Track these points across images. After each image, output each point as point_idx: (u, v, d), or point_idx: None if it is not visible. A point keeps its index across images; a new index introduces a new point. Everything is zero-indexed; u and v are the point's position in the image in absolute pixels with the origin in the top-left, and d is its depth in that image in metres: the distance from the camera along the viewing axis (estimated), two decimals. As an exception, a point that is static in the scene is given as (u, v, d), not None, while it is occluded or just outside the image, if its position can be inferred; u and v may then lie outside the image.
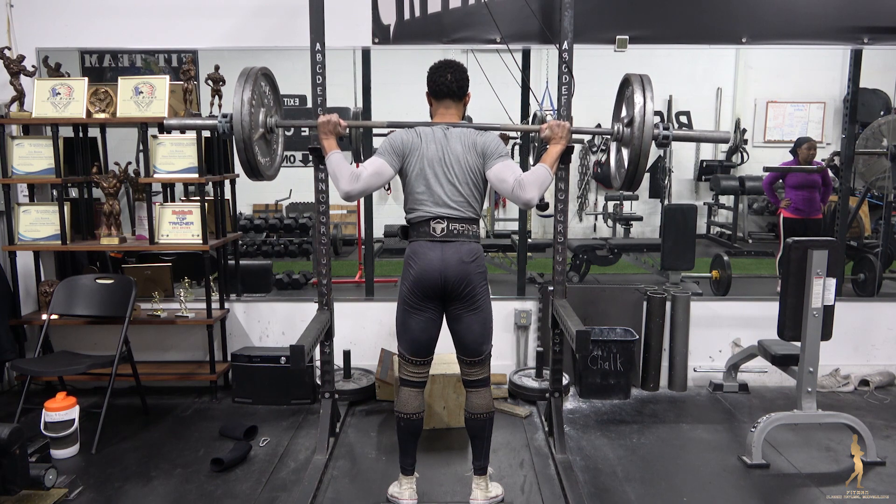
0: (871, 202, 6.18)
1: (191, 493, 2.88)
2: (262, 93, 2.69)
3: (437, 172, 2.52)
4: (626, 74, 2.61)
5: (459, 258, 2.52)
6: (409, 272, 2.58)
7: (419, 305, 2.58)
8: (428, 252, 2.53)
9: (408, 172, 2.56)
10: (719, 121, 8.53)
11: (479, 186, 2.59)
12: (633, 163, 2.48)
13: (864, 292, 4.96)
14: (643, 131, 2.40)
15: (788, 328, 3.14)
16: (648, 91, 2.45)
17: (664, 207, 6.60)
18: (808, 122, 8.44)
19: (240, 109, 2.50)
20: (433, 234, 2.52)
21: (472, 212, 2.57)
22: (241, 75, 2.57)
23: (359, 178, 2.48)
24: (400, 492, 2.71)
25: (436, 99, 2.66)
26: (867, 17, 3.86)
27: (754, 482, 2.98)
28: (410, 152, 2.54)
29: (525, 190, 2.43)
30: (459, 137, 2.55)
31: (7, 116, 3.80)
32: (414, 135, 2.56)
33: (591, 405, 3.88)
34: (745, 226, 8.25)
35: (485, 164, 2.54)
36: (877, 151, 5.06)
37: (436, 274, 2.51)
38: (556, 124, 2.60)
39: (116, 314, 3.58)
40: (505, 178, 2.48)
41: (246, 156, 2.56)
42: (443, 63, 2.65)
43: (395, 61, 6.98)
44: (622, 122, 2.63)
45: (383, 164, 2.52)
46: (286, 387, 3.84)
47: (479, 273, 2.58)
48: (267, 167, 2.75)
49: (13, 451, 2.52)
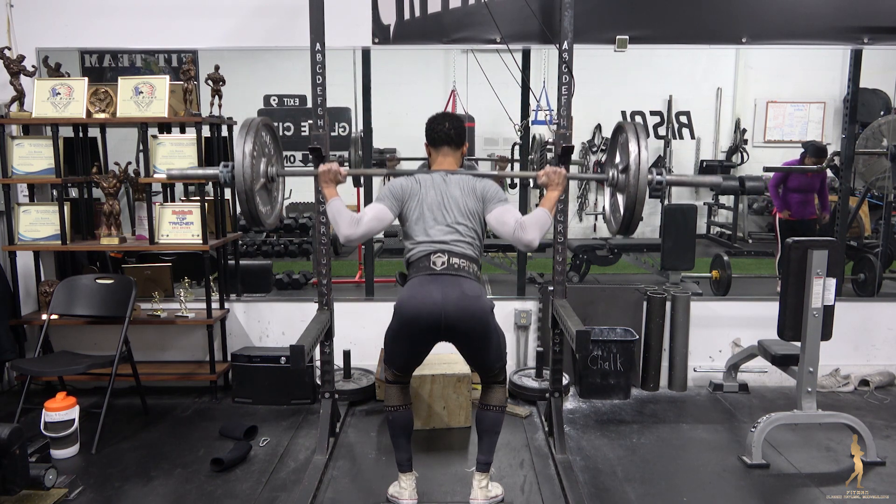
0: (871, 202, 6.17)
1: (191, 493, 2.88)
2: (263, 143, 2.71)
3: (436, 216, 2.56)
4: (619, 122, 2.68)
5: (462, 292, 2.45)
6: (401, 309, 2.49)
7: (411, 341, 2.56)
8: (426, 285, 2.46)
9: (407, 217, 2.60)
10: (719, 121, 8.53)
11: (479, 230, 2.62)
12: (629, 209, 2.52)
13: (864, 292, 4.96)
14: (638, 179, 2.44)
15: (788, 328, 3.14)
16: (642, 139, 2.49)
17: (664, 207, 6.60)
18: (808, 122, 8.44)
19: (241, 161, 2.52)
20: (433, 268, 2.50)
21: (472, 251, 2.58)
22: (242, 127, 2.58)
23: (359, 222, 2.52)
24: (400, 492, 2.72)
25: (434, 147, 2.71)
26: (867, 17, 3.86)
27: (754, 482, 2.98)
28: (410, 197, 2.59)
29: (526, 231, 2.47)
30: (458, 183, 2.60)
31: (7, 116, 3.80)
32: (413, 181, 2.62)
33: (591, 405, 3.88)
34: (745, 226, 8.25)
35: (484, 208, 2.59)
36: (877, 151, 5.06)
37: (435, 310, 2.43)
38: (552, 171, 2.62)
39: (116, 314, 3.58)
40: (506, 221, 2.53)
41: (248, 206, 2.59)
42: (441, 114, 2.74)
43: (396, 61, 7.01)
44: (617, 168, 2.66)
45: (383, 208, 2.57)
46: (286, 387, 3.84)
47: (485, 309, 2.51)
48: (267, 216, 2.78)
49: (13, 451, 2.52)
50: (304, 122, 6.60)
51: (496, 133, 8.04)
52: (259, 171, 2.64)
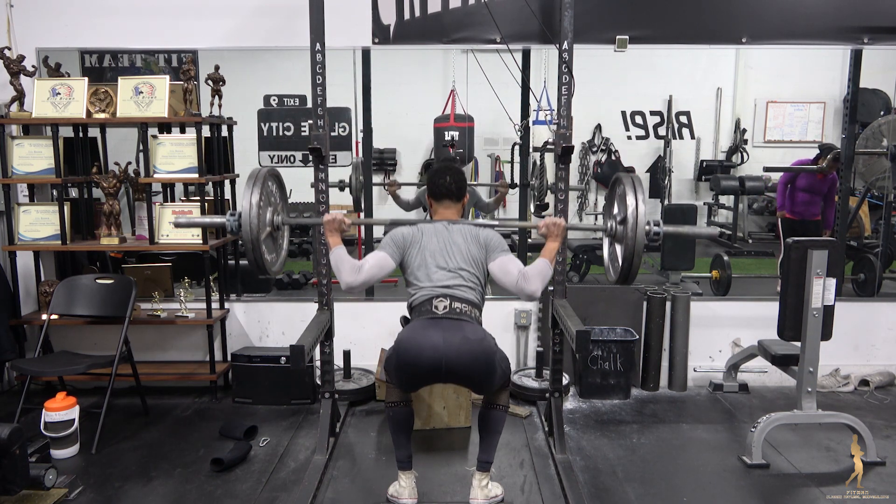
0: (871, 202, 6.17)
1: (191, 493, 2.88)
2: (270, 192, 2.76)
3: (438, 262, 2.58)
4: (617, 174, 2.71)
5: (463, 336, 2.43)
6: (401, 350, 2.48)
7: (411, 381, 2.58)
8: (427, 329, 2.45)
9: (409, 264, 2.63)
10: (719, 121, 8.52)
11: (481, 277, 2.64)
12: (628, 260, 2.54)
13: (864, 292, 4.96)
14: (636, 231, 2.48)
15: (788, 328, 3.14)
16: (640, 192, 2.53)
17: (664, 207, 6.60)
18: (808, 122, 8.43)
19: (248, 211, 2.56)
20: (435, 312, 2.50)
21: (474, 296, 2.59)
22: (249, 177, 2.63)
23: (360, 269, 2.55)
24: (399, 491, 2.72)
25: (436, 200, 2.76)
26: (867, 17, 3.86)
27: (754, 482, 2.98)
28: (411, 245, 2.63)
29: (529, 282, 2.50)
30: (461, 231, 2.65)
31: (7, 116, 3.80)
32: (415, 230, 2.66)
33: (591, 405, 3.88)
34: (745, 226, 8.24)
35: (487, 257, 2.62)
36: (877, 151, 5.06)
37: (436, 355, 2.42)
38: (551, 223, 2.65)
39: (116, 314, 3.58)
40: (509, 271, 2.56)
41: (254, 255, 2.62)
42: (442, 167, 2.78)
43: (396, 61, 7.00)
44: (615, 219, 2.70)
45: (385, 256, 2.60)
46: (286, 387, 3.84)
47: (488, 351, 2.49)
48: (272, 263, 2.81)
49: (13, 451, 2.52)
50: (304, 122, 6.60)
51: (496, 133, 8.03)
52: (265, 220, 2.69)
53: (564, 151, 3.17)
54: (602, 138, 8.40)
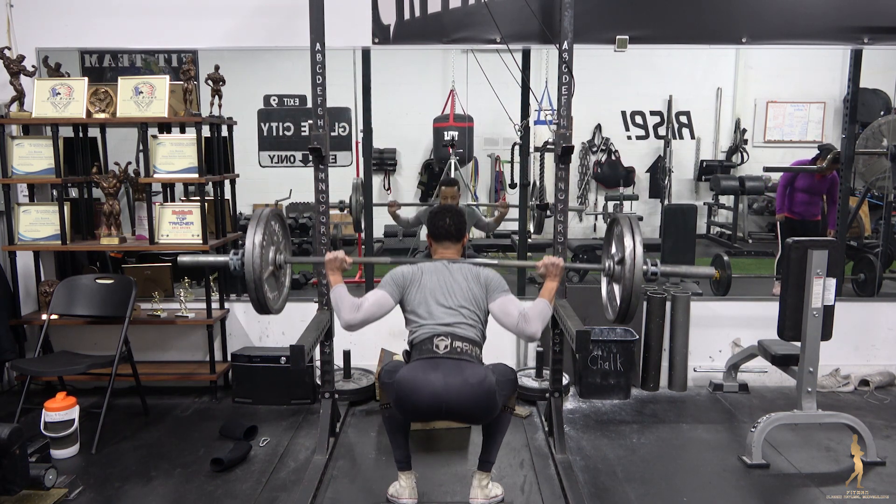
0: (871, 202, 6.17)
1: (191, 493, 2.88)
2: (273, 231, 2.80)
3: (438, 299, 2.59)
4: (615, 214, 2.75)
5: (463, 380, 2.43)
6: (400, 391, 2.47)
7: (411, 418, 2.61)
8: (428, 372, 2.45)
9: (410, 302, 2.64)
10: (719, 121, 8.52)
11: (481, 315, 2.65)
12: (626, 300, 2.57)
13: (864, 292, 4.96)
14: (634, 272, 2.51)
15: (788, 328, 3.14)
16: (637, 233, 2.56)
17: (664, 207, 6.60)
18: (808, 122, 8.43)
19: (251, 251, 2.59)
20: (436, 351, 2.50)
21: (475, 334, 2.59)
22: (253, 217, 2.68)
23: (360, 308, 2.58)
24: (399, 491, 2.72)
25: (436, 241, 2.78)
26: (867, 17, 3.86)
27: (754, 482, 2.98)
28: (411, 284, 2.65)
29: (529, 323, 2.52)
30: (461, 270, 2.67)
31: (7, 116, 3.80)
32: (415, 269, 2.68)
33: (591, 405, 3.88)
34: (745, 226, 8.24)
35: (488, 297, 2.63)
36: (877, 151, 5.06)
37: (435, 400, 2.42)
38: (550, 263, 2.68)
39: (116, 314, 3.58)
40: (510, 312, 2.57)
41: (256, 294, 2.65)
42: (442, 208, 2.81)
43: (395, 61, 7.01)
44: (613, 259, 2.73)
45: (384, 294, 2.62)
46: (286, 387, 3.84)
47: (489, 392, 2.47)
48: (274, 301, 2.84)
49: (13, 451, 2.52)
50: (304, 122, 6.60)
51: (496, 133, 8.03)
52: (268, 260, 2.73)
53: (564, 151, 3.17)
54: (602, 138, 8.40)
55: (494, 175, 8.28)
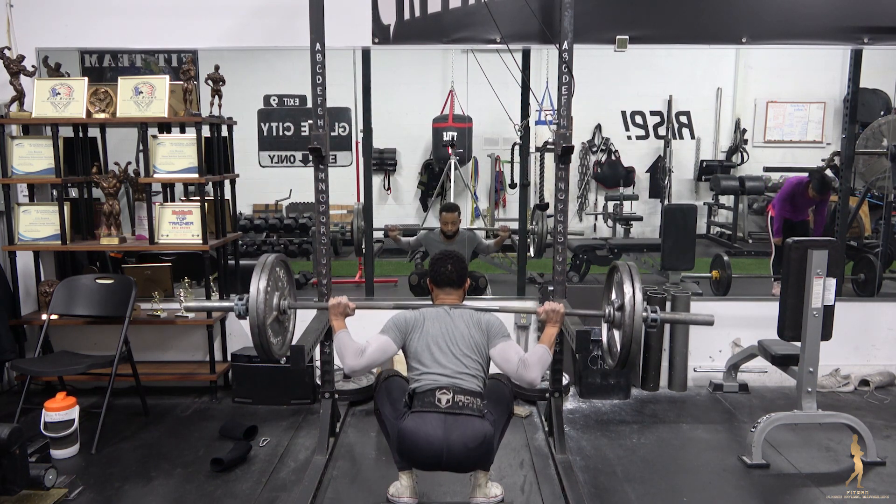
0: (871, 202, 6.17)
1: (191, 493, 2.88)
2: (277, 277, 2.83)
3: (441, 347, 2.60)
4: (614, 263, 2.78)
5: (464, 444, 2.45)
6: (402, 444, 2.52)
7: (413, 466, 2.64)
8: (429, 428, 2.47)
9: (412, 348, 2.65)
10: (719, 121, 8.53)
11: (483, 363, 2.65)
12: (626, 346, 2.58)
13: (864, 292, 4.96)
14: (633, 318, 2.52)
15: (788, 328, 3.14)
16: (636, 281, 2.58)
17: (664, 207, 6.59)
18: (808, 122, 8.43)
19: (255, 297, 2.62)
20: (437, 405, 2.51)
21: (476, 385, 2.60)
22: (258, 265, 2.71)
23: (363, 353, 2.59)
24: (400, 491, 2.71)
25: (437, 287, 2.80)
26: (867, 17, 3.86)
27: (754, 482, 2.98)
28: (413, 329, 2.66)
29: (529, 370, 2.53)
30: (462, 316, 2.67)
31: (7, 116, 3.80)
32: (417, 314, 2.69)
33: (591, 405, 3.88)
34: (745, 226, 8.25)
35: (489, 343, 2.64)
36: (877, 151, 5.06)
37: (435, 456, 2.47)
38: (550, 309, 2.69)
39: (116, 314, 3.58)
40: (509, 359, 2.58)
41: (259, 339, 2.66)
42: (444, 255, 2.82)
43: (396, 61, 7.01)
44: (613, 305, 2.74)
45: (387, 340, 2.64)
46: (286, 387, 3.84)
47: (489, 452, 2.55)
48: (278, 347, 2.85)
49: (13, 451, 2.52)
50: (304, 122, 6.61)
51: (496, 133, 8.04)
52: (272, 305, 2.74)
53: (564, 151, 3.17)
54: (602, 138, 8.41)
55: (494, 175, 8.28)
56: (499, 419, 2.64)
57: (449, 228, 4.79)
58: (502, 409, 2.68)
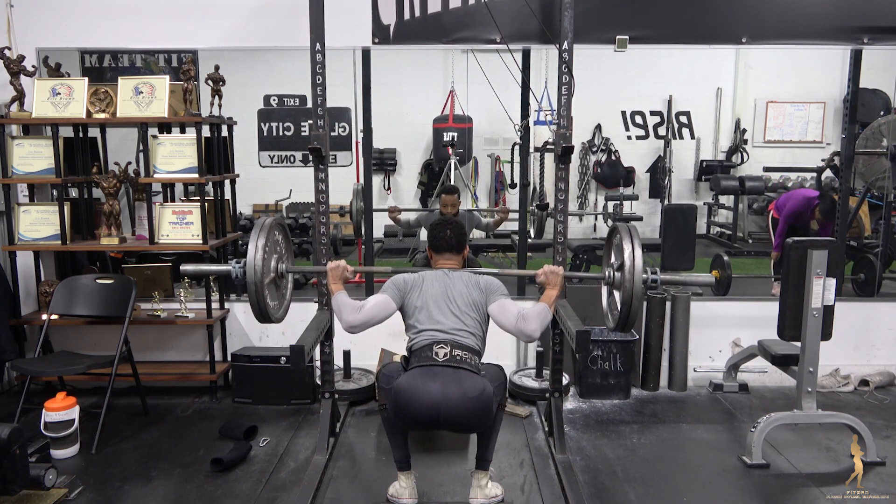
0: (871, 202, 6.17)
1: (191, 493, 2.88)
2: (276, 241, 2.84)
3: (440, 305, 2.61)
4: (613, 224, 2.78)
5: (462, 392, 2.42)
6: (398, 399, 2.47)
7: (409, 426, 2.61)
8: (426, 381, 2.44)
9: (410, 306, 2.66)
10: (719, 121, 8.52)
11: (482, 321, 2.66)
12: (626, 304, 2.57)
13: (864, 292, 4.96)
14: (634, 275, 2.52)
15: (788, 328, 3.14)
16: (636, 239, 2.59)
17: (664, 207, 6.59)
18: (808, 122, 8.43)
19: (254, 255, 2.62)
20: (435, 359, 2.50)
21: (475, 342, 2.60)
22: (255, 226, 2.70)
23: (361, 309, 2.59)
24: (400, 491, 2.72)
25: (436, 252, 2.81)
26: (867, 17, 3.86)
27: (754, 482, 2.99)
28: (412, 289, 2.67)
29: (527, 322, 2.53)
30: (461, 277, 2.70)
31: (7, 116, 3.80)
32: (416, 276, 2.70)
33: (591, 405, 3.88)
34: (745, 226, 8.24)
35: (487, 300, 2.65)
36: (877, 151, 5.06)
37: (433, 410, 2.42)
38: (549, 271, 2.70)
39: (116, 314, 3.58)
40: (508, 311, 2.60)
41: (256, 298, 2.66)
42: (442, 221, 2.83)
43: (396, 61, 7.00)
44: (612, 267, 2.74)
45: (386, 298, 2.65)
46: (286, 387, 3.84)
47: (487, 404, 2.48)
48: (275, 310, 2.85)
49: (13, 451, 2.52)
50: (304, 122, 6.60)
51: (496, 133, 8.04)
52: (269, 267, 2.74)
53: (564, 151, 3.17)
54: (602, 138, 8.40)
55: (494, 175, 8.28)
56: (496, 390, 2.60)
57: (448, 211, 4.79)
58: (498, 386, 2.64)
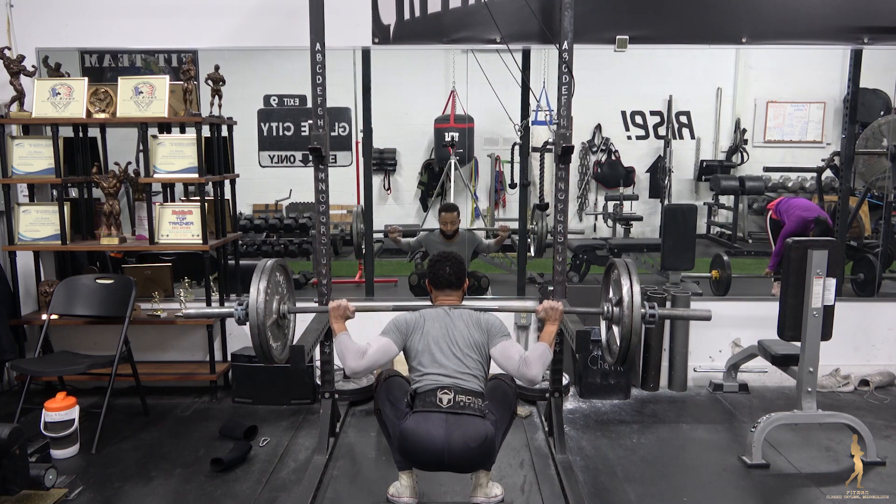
0: (871, 202, 6.17)
1: (191, 493, 2.88)
2: (277, 282, 2.84)
3: (441, 347, 2.61)
4: (611, 259, 2.79)
5: (465, 443, 2.46)
6: (404, 444, 2.52)
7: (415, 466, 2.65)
8: (431, 428, 2.47)
9: (413, 349, 2.66)
10: (719, 121, 8.52)
11: (483, 362, 2.66)
12: (626, 340, 2.57)
13: (864, 292, 4.96)
14: (633, 310, 2.52)
15: (788, 328, 3.14)
16: (633, 274, 2.59)
17: (664, 207, 6.59)
18: (808, 122, 8.43)
19: (255, 298, 2.62)
20: (439, 405, 2.51)
21: (477, 385, 2.60)
22: (257, 269, 2.72)
23: (364, 354, 2.60)
24: (400, 491, 2.72)
25: (436, 288, 2.81)
26: (867, 17, 3.86)
27: (754, 482, 2.98)
28: (414, 331, 2.67)
29: (530, 368, 2.54)
30: (461, 316, 2.69)
31: (7, 116, 3.80)
32: (418, 316, 2.71)
33: (591, 405, 3.88)
34: (745, 226, 8.24)
35: (489, 342, 2.65)
36: (877, 151, 5.05)
37: (437, 456, 2.47)
38: (549, 307, 2.71)
39: (116, 314, 3.58)
40: (511, 356, 2.59)
41: (259, 340, 2.66)
42: (442, 256, 2.83)
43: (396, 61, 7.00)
44: (611, 302, 2.74)
45: (388, 342, 2.65)
46: (286, 387, 3.84)
47: (490, 451, 2.55)
48: (278, 351, 2.85)
49: (13, 451, 2.52)
50: (304, 122, 6.60)
51: (496, 133, 8.04)
52: (272, 309, 2.74)
53: (564, 151, 3.17)
54: (602, 138, 8.40)
55: (494, 175, 8.28)
56: (501, 418, 2.64)
57: (448, 228, 4.80)
58: (505, 408, 2.68)
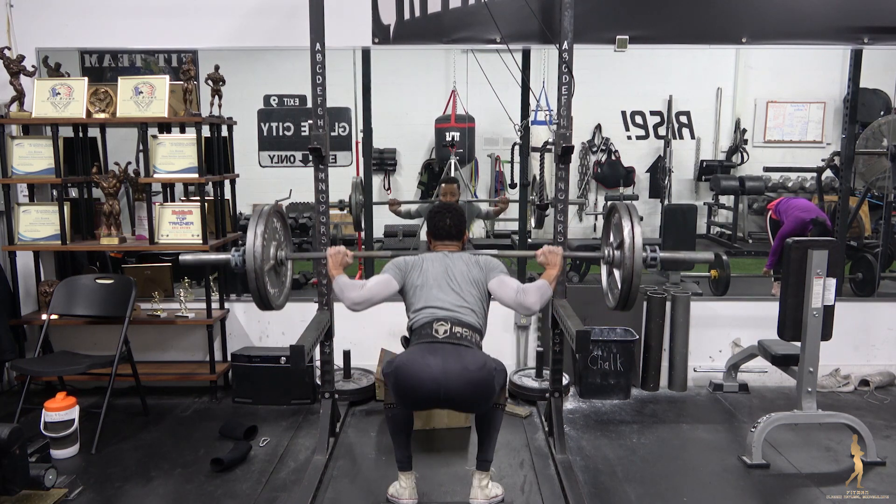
0: (871, 202, 6.17)
1: (191, 493, 2.88)
2: (274, 228, 2.85)
3: (440, 283, 2.63)
4: (611, 203, 2.80)
5: (463, 366, 2.41)
6: (398, 377, 2.45)
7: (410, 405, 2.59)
8: (426, 356, 2.44)
9: (411, 285, 2.68)
10: (719, 121, 8.52)
11: (482, 297, 2.67)
12: (627, 282, 2.58)
13: (863, 292, 4.96)
14: (633, 252, 2.52)
15: (788, 328, 3.14)
16: (634, 217, 2.60)
17: (664, 207, 6.59)
18: (808, 122, 8.43)
19: (252, 242, 2.62)
20: (435, 336, 2.51)
21: (475, 320, 2.61)
22: (254, 213, 2.71)
23: (363, 286, 2.62)
24: (400, 491, 2.72)
25: (436, 239, 2.83)
26: (867, 17, 3.86)
27: (754, 482, 2.99)
28: (413, 268, 2.70)
29: (527, 295, 2.56)
30: (461, 256, 2.74)
31: (7, 116, 3.80)
32: (417, 257, 2.74)
33: (591, 405, 3.88)
34: (745, 226, 8.24)
35: (487, 277, 2.68)
36: (877, 151, 5.05)
37: (433, 385, 2.41)
38: (549, 251, 2.73)
39: (116, 314, 3.58)
40: (508, 285, 2.63)
41: (256, 285, 2.66)
42: (442, 207, 2.85)
43: (396, 61, 6.99)
44: (612, 245, 2.74)
45: (388, 277, 2.68)
46: (286, 387, 3.84)
47: (489, 379, 2.46)
48: (276, 297, 2.86)
49: (13, 451, 2.52)
50: (304, 122, 6.59)
51: (496, 133, 8.03)
52: (269, 254, 2.75)
53: (564, 151, 3.17)
54: (602, 138, 8.39)
55: (494, 175, 8.28)
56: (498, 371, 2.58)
57: (448, 200, 4.80)
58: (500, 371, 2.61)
